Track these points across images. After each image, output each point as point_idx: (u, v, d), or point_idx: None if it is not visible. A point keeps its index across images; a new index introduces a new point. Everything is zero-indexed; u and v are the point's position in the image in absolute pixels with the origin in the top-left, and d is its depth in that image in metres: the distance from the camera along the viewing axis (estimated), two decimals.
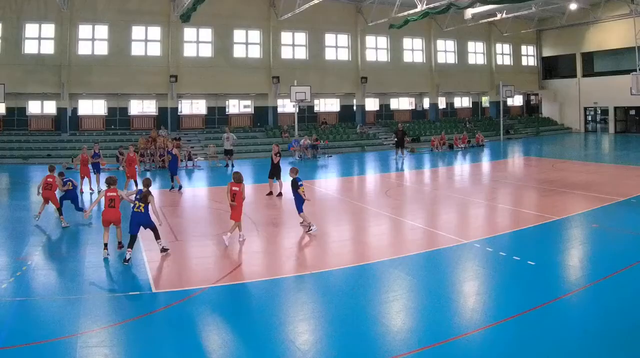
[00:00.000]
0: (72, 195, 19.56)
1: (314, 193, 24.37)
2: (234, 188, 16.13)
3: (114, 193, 14.91)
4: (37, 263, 14.22)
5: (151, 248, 15.00)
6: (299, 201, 17.39)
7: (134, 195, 15.12)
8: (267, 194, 24.24)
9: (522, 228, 17.52)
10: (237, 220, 16.02)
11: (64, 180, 19.28)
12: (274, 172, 24.45)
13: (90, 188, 25.85)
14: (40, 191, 18.85)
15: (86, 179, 26.11)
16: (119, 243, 15.33)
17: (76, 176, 23.93)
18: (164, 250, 14.91)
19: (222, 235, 16.22)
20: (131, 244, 14.27)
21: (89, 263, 14.04)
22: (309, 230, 17.20)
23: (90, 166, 26.50)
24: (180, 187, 26.45)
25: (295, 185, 17.39)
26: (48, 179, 18.84)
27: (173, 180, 26.67)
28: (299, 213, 17.50)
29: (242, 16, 48.40)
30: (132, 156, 25.95)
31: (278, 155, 24.43)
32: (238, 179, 16.24)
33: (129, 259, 14.13)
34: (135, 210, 14.52)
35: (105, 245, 14.63)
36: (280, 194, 23.89)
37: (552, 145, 50.55)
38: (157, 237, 14.93)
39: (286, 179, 21.30)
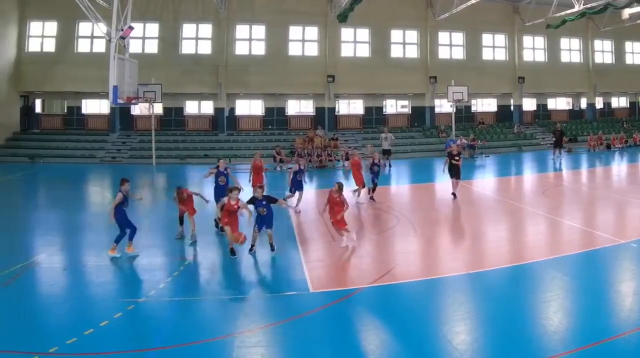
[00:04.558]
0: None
1: (471, 194, 22.14)
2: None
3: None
4: (195, 262, 12.95)
5: (308, 250, 13.62)
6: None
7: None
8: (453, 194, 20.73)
9: None
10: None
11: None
12: (455, 172, 20.75)
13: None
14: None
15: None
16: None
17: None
18: None
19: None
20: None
21: (247, 263, 12.45)
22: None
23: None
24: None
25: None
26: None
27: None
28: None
29: (399, 16, 40.73)
30: (258, 163, 19.76)
31: (459, 156, 20.93)
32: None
33: None
34: None
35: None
36: (454, 196, 20.65)
37: None
38: None
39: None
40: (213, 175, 16.58)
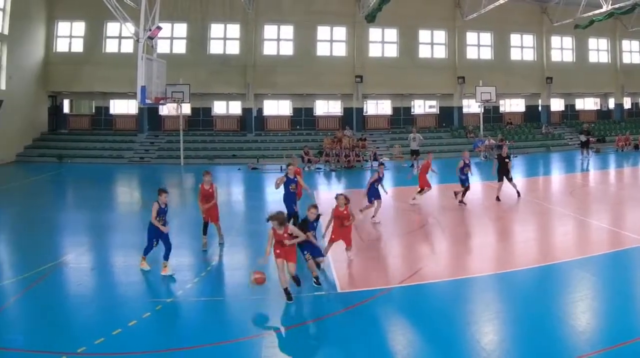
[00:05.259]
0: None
1: (500, 194, 20.31)
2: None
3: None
4: (221, 263, 12.74)
5: (336, 250, 12.29)
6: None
7: None
8: (499, 198, 19.72)
9: None
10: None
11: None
12: (507, 173, 19.99)
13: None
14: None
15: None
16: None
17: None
18: None
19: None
20: None
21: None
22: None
23: None
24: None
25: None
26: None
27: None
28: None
29: (428, 16, 39.71)
30: (297, 169, 16.24)
31: (509, 158, 20.46)
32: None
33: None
34: None
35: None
36: (518, 194, 20.11)
37: None
38: None
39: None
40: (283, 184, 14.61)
